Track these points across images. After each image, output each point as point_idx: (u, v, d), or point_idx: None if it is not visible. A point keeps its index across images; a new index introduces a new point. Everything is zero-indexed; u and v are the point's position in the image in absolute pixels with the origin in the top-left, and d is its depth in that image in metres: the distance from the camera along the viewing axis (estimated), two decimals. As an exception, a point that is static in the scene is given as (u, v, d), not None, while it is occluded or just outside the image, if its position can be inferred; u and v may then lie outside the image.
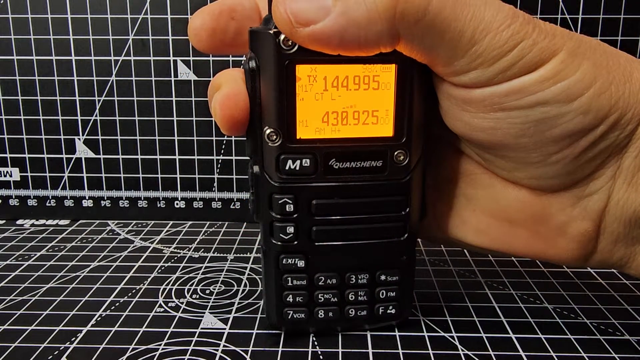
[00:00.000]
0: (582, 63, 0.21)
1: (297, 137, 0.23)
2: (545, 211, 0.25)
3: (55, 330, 0.28)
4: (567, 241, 0.25)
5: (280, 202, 0.24)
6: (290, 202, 0.24)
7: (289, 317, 0.27)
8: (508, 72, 0.21)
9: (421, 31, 0.21)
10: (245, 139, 0.25)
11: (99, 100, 0.44)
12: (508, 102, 0.22)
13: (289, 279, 0.26)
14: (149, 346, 0.27)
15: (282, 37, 0.22)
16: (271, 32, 0.22)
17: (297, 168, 0.24)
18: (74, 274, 0.35)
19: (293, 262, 0.26)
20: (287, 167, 0.24)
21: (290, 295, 0.26)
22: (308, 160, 0.24)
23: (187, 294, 0.33)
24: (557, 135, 0.22)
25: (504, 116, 0.22)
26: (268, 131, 0.23)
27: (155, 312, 0.30)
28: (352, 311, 0.27)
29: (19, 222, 0.46)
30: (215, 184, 0.46)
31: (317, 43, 0.21)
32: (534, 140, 0.23)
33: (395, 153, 0.24)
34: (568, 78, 0.21)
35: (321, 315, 0.27)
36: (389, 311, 0.27)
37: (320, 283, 0.26)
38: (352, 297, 0.27)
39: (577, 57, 0.21)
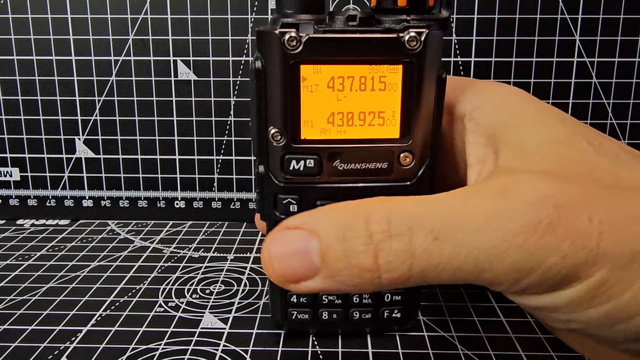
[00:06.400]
0: (637, 281, 0.17)
1: (302, 138, 0.23)
2: None
3: (55, 330, 0.28)
4: None
5: (284, 202, 0.24)
6: (294, 202, 0.24)
7: (293, 317, 0.27)
8: (534, 289, 0.18)
9: (416, 283, 0.19)
10: (251, 138, 0.25)
11: (99, 100, 0.44)
12: (544, 314, 0.20)
13: None
14: (149, 346, 0.27)
15: (286, 37, 0.21)
16: (276, 32, 0.21)
17: (301, 168, 0.24)
18: (74, 274, 0.35)
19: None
20: (291, 167, 0.24)
21: (295, 296, 0.26)
22: (312, 161, 0.23)
23: (187, 293, 0.33)
24: (607, 342, 0.19)
25: (546, 320, 0.20)
26: (273, 131, 0.23)
27: (155, 312, 0.30)
28: (356, 314, 0.27)
29: (19, 222, 0.46)
30: (215, 184, 0.46)
31: (315, 292, 0.21)
32: (595, 340, 0.20)
33: (401, 155, 0.24)
34: (609, 301, 0.17)
35: (325, 316, 0.27)
36: (393, 315, 0.27)
37: None
38: (356, 300, 0.26)
39: (630, 270, 0.17)
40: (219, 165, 0.45)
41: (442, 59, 0.42)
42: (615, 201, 0.18)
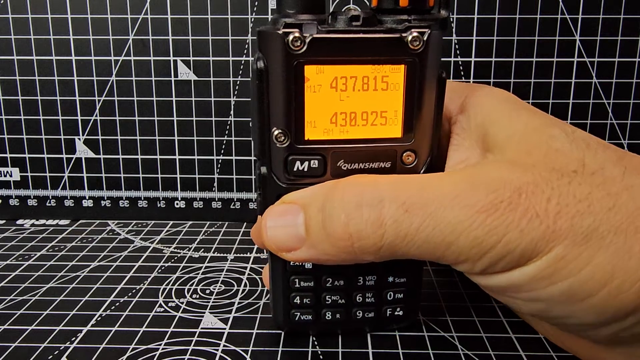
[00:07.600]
0: (595, 256, 0.17)
1: (306, 138, 0.23)
2: (599, 355, 0.23)
3: (55, 330, 0.28)
4: None
5: None
6: None
7: (296, 318, 0.27)
8: (497, 266, 0.19)
9: (388, 254, 0.21)
10: (252, 139, 0.24)
11: (99, 100, 0.44)
12: (506, 294, 0.20)
13: (297, 280, 0.26)
14: (149, 346, 0.27)
15: (290, 37, 0.21)
16: (280, 32, 0.21)
17: (306, 169, 0.23)
18: (74, 274, 0.35)
19: (300, 263, 0.26)
20: (295, 168, 0.23)
21: (298, 297, 0.26)
22: (316, 162, 0.23)
23: (187, 293, 0.33)
24: (571, 326, 0.20)
25: (511, 302, 0.21)
26: (276, 132, 0.23)
27: (155, 312, 0.30)
28: (359, 313, 0.27)
29: (19, 222, 0.46)
30: (215, 184, 0.46)
31: (304, 261, 0.23)
32: (553, 323, 0.21)
33: (404, 154, 0.24)
34: (569, 278, 0.18)
35: (328, 316, 0.27)
36: (396, 313, 0.27)
37: (327, 285, 0.26)
38: (359, 299, 0.27)
39: (587, 247, 0.17)
40: (219, 165, 0.45)
41: (443, 59, 0.42)
42: (575, 185, 0.19)
